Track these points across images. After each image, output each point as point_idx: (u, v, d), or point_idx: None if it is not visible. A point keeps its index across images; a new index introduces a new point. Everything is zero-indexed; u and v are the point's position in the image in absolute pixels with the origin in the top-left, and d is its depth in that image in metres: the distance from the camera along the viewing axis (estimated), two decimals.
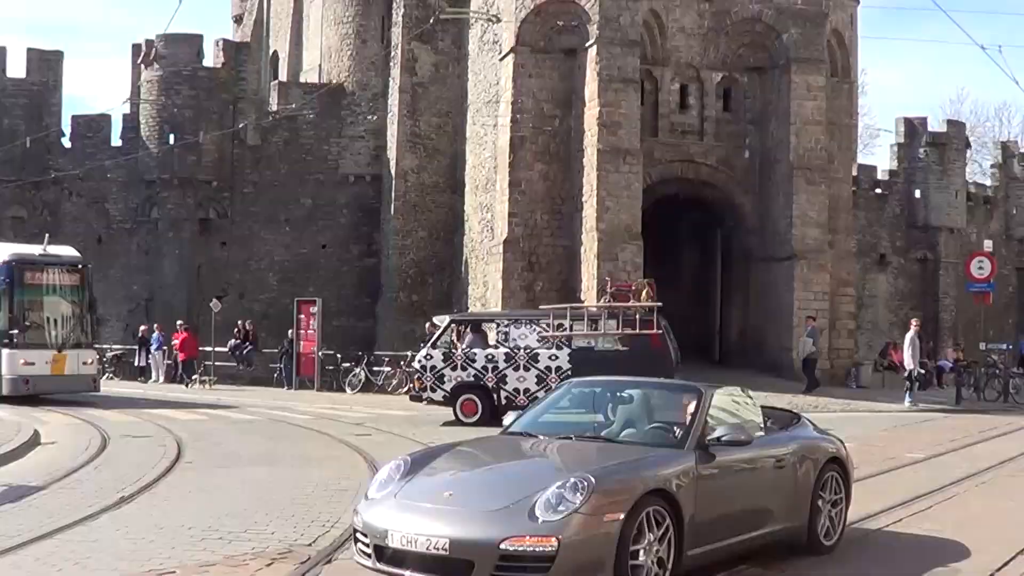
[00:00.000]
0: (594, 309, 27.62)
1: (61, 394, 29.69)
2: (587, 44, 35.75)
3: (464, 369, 26.32)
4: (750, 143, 38.47)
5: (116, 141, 49.50)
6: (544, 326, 26.47)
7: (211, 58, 50.44)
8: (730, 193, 38.52)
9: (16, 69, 50.53)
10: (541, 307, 29.44)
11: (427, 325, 33.56)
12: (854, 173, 46.21)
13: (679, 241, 42.72)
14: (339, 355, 39.07)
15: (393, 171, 46.61)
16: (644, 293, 26.98)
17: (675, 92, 37.91)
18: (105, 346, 41.47)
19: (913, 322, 34.49)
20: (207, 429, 23.67)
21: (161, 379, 40.98)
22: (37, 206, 49.46)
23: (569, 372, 24.76)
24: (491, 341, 27.87)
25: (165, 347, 41.61)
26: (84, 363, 30.53)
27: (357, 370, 37.45)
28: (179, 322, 42.26)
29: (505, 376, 25.99)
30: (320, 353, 38.19)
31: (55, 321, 30.39)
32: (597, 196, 34.77)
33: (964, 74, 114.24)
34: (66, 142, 50.43)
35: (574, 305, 28.09)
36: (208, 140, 47.37)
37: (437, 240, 46.56)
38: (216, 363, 41.00)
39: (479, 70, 43.13)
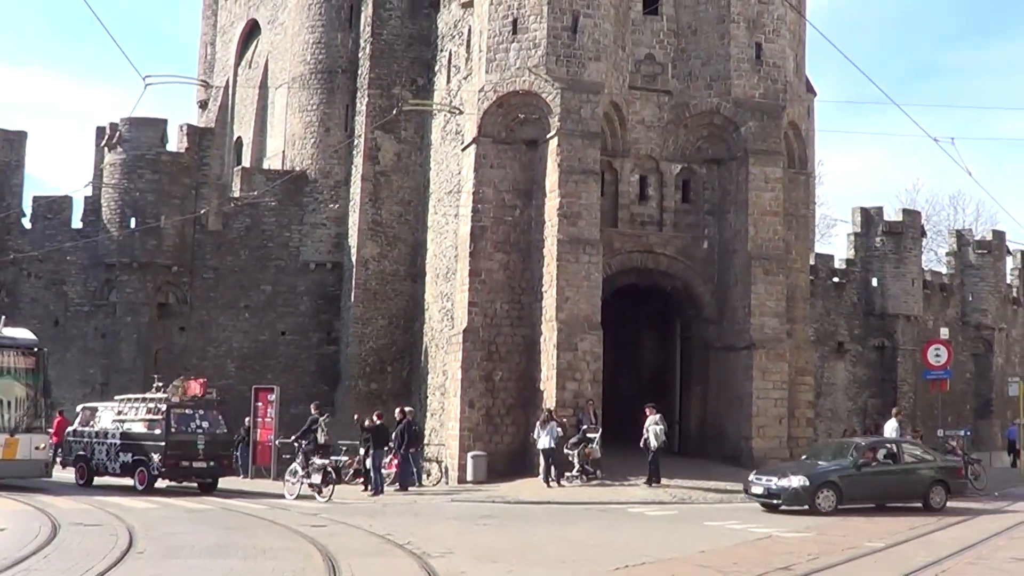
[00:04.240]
0: (139, 399, 33.06)
1: (12, 479, 29.40)
2: (548, 136, 35.98)
3: (79, 443, 33.16)
4: (708, 233, 38.75)
5: (77, 223, 49.48)
6: (115, 412, 32.53)
7: (175, 143, 50.59)
8: (689, 283, 38.70)
9: None
10: (115, 397, 34.70)
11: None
12: (812, 262, 46.87)
13: (638, 330, 42.84)
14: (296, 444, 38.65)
15: (354, 259, 46.70)
16: (181, 388, 32.38)
17: (635, 183, 38.30)
18: None
19: (894, 410, 34.97)
20: (159, 518, 23.44)
21: None
22: None
23: (119, 448, 31.22)
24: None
25: None
26: (36, 448, 30.29)
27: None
28: None
29: (94, 449, 32.42)
30: (277, 442, 37.85)
31: (8, 404, 30.22)
32: (557, 286, 34.82)
33: (919, 165, 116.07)
34: (26, 223, 50.35)
35: (130, 396, 33.59)
36: (169, 224, 47.41)
37: (397, 328, 46.63)
38: None
39: (441, 159, 43.40)
